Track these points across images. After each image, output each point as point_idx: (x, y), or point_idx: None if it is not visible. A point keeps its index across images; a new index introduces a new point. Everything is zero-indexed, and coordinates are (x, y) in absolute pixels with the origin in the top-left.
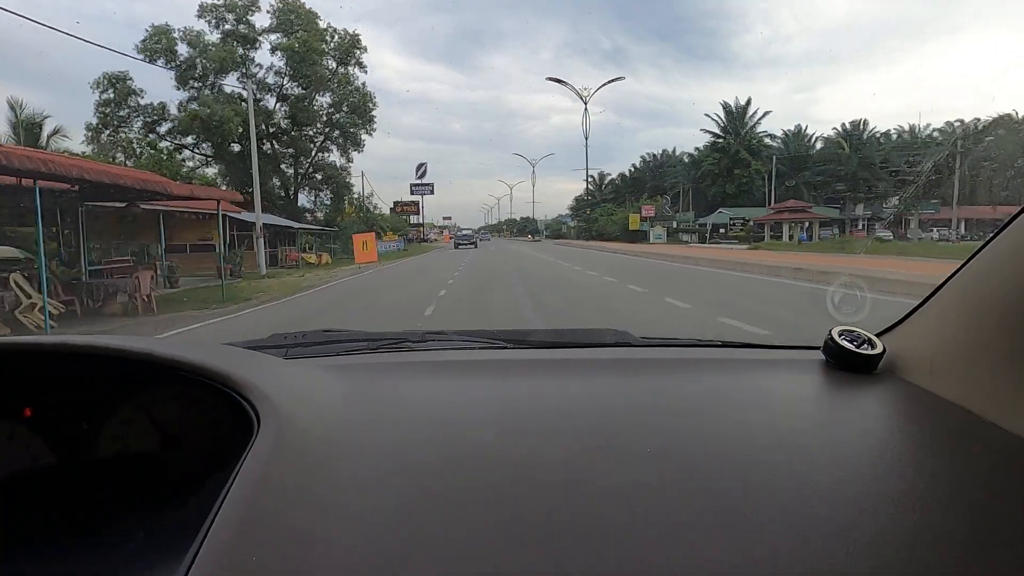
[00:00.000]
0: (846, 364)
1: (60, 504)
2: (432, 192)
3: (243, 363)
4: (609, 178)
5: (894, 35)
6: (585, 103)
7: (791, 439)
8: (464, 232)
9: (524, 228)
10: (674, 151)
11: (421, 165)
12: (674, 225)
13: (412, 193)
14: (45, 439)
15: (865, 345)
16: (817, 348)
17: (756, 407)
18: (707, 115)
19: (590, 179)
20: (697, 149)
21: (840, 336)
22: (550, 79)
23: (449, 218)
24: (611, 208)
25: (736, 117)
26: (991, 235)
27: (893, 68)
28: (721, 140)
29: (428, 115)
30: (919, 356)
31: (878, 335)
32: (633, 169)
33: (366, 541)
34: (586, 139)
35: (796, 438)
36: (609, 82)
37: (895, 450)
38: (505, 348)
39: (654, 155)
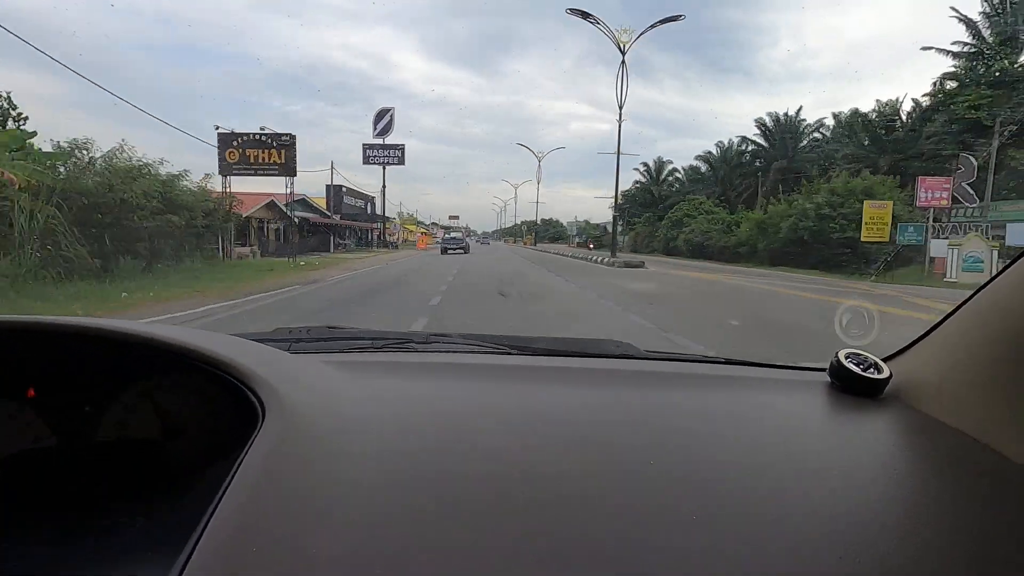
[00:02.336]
0: (851, 387)
1: (60, 487)
2: (402, 161)
3: (250, 353)
4: (671, 167)
5: (923, 53)
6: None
7: (793, 459)
8: (453, 235)
9: (546, 232)
10: (794, 115)
11: (383, 113)
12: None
13: (367, 160)
14: (48, 421)
15: (872, 369)
16: (823, 370)
17: (759, 425)
18: (954, 9)
19: (643, 167)
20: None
21: (847, 359)
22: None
23: (456, 217)
24: (707, 203)
25: None
26: (1003, 265)
27: (921, 87)
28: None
29: (448, 118)
30: (925, 383)
31: (885, 360)
32: (730, 146)
33: (368, 536)
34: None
35: (798, 459)
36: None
37: (898, 476)
38: (508, 353)
39: (777, 118)
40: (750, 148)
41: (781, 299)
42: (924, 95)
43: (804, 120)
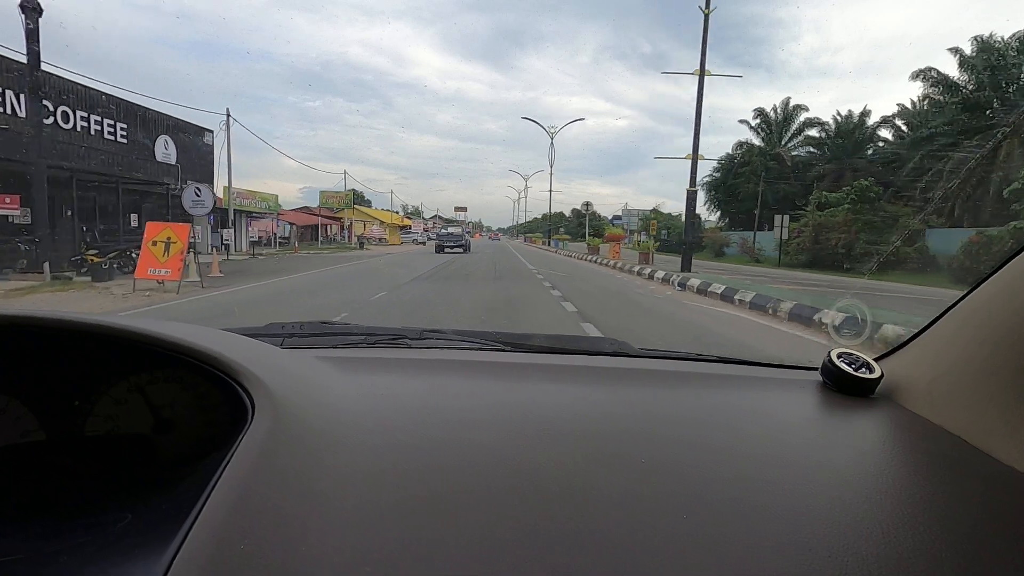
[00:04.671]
0: (843, 387)
1: (46, 481)
2: None
3: (240, 349)
4: (804, 115)
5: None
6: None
7: (784, 458)
8: (450, 231)
9: (577, 226)
10: None
11: None
12: None
13: None
14: (36, 414)
15: (863, 369)
16: (815, 369)
17: (751, 424)
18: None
19: (757, 118)
20: None
21: (839, 358)
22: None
23: (464, 209)
24: None
25: None
26: (996, 264)
27: None
28: None
29: (464, 113)
30: (917, 383)
31: (877, 359)
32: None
33: (358, 533)
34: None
35: (789, 457)
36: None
37: (888, 476)
38: (503, 350)
39: None
40: None
41: None
42: None
43: None
